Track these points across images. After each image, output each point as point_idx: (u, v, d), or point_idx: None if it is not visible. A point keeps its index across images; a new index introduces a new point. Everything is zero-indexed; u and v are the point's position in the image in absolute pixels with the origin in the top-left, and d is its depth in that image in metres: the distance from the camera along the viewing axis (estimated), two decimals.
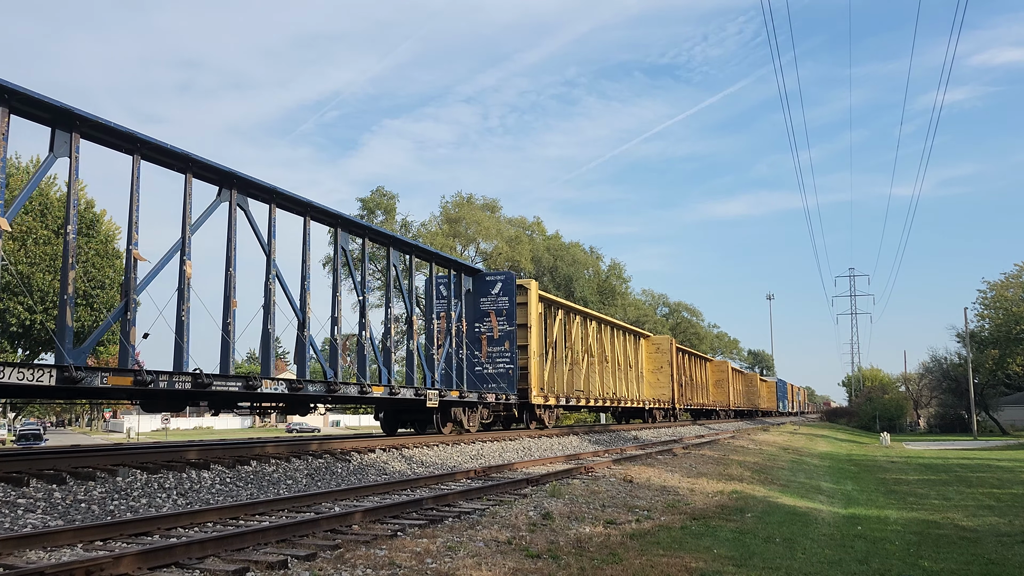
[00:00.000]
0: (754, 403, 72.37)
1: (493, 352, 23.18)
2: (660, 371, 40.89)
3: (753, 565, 7.63)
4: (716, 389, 56.22)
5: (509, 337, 22.94)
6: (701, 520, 10.36)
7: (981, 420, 63.42)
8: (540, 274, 58.50)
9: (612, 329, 35.16)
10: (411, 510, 9.56)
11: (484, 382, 22.68)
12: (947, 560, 8.83)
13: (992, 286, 62.81)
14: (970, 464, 26.31)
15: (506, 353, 23.02)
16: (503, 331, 23.10)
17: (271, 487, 11.55)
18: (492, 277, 23.54)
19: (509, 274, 23.67)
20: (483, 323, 23.28)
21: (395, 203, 54.98)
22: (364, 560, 6.64)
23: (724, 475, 17.21)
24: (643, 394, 38.70)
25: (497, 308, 23.28)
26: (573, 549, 7.78)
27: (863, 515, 13.11)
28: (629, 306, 70.44)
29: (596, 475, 14.49)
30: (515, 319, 22.97)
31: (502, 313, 23.19)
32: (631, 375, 37.15)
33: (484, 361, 22.98)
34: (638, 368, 38.90)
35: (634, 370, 37.92)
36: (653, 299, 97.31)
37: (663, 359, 40.96)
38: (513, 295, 23.18)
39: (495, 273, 23.87)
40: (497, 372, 23.06)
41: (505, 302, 23.23)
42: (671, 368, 40.97)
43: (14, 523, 8.00)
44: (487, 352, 23.17)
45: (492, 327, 23.08)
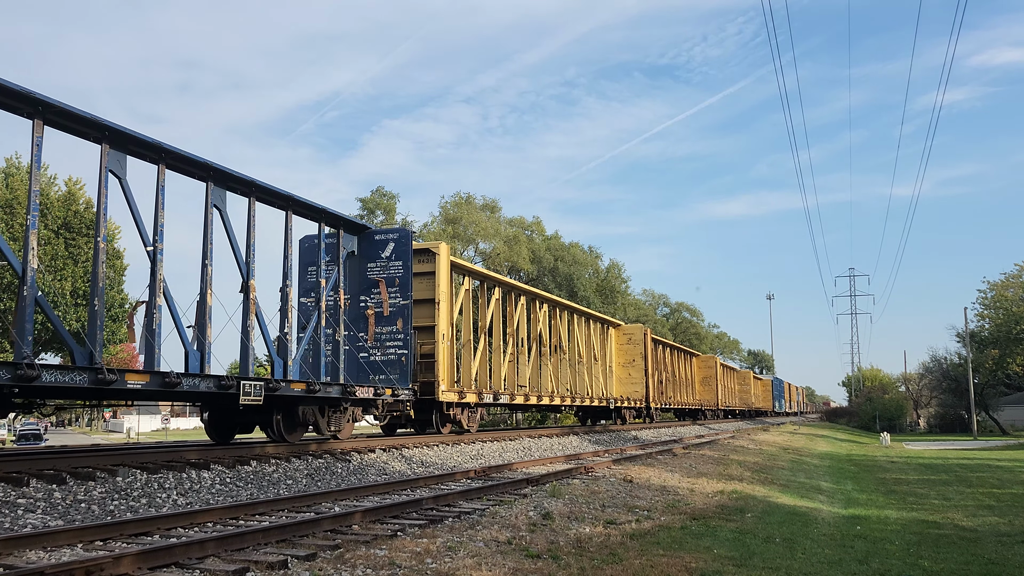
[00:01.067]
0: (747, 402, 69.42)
1: (382, 334, 17.89)
2: (632, 365, 36.08)
3: (753, 565, 7.63)
4: (703, 387, 52.98)
5: (402, 314, 17.74)
6: (701, 520, 10.36)
7: (981, 420, 63.40)
8: (541, 274, 58.48)
9: (571, 315, 30.68)
10: (411, 510, 9.56)
11: (373, 372, 17.63)
12: (947, 560, 8.83)
13: (992, 286, 62.83)
14: (970, 464, 26.30)
15: (398, 335, 17.74)
16: (396, 306, 17.87)
17: (271, 487, 11.55)
18: (382, 236, 18.20)
19: (403, 231, 18.31)
20: (370, 296, 18.07)
21: (395, 203, 55.01)
22: (364, 560, 6.65)
23: (724, 475, 17.21)
24: (611, 391, 34.50)
25: (388, 276, 17.97)
26: (573, 549, 7.78)
27: (863, 515, 13.11)
28: (629, 306, 70.48)
29: (596, 475, 14.50)
30: (410, 290, 17.88)
31: (394, 283, 17.90)
32: (596, 369, 32.87)
33: (370, 346, 17.75)
34: (606, 361, 34.54)
35: (601, 364, 33.67)
36: (654, 299, 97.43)
37: (635, 351, 36.17)
38: (408, 259, 18.01)
39: (386, 230, 18.48)
40: (386, 360, 17.69)
41: (398, 268, 17.98)
42: (645, 361, 36.21)
43: (14, 523, 8.00)
44: (374, 334, 17.87)
45: (382, 301, 17.88)
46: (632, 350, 36.03)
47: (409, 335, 17.76)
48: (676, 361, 45.47)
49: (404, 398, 17.54)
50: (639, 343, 35.98)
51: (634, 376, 35.87)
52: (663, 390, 40.49)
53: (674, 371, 44.37)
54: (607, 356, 34.79)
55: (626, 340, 36.20)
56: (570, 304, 30.66)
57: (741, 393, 67.58)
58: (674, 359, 44.94)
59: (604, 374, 33.94)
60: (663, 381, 40.72)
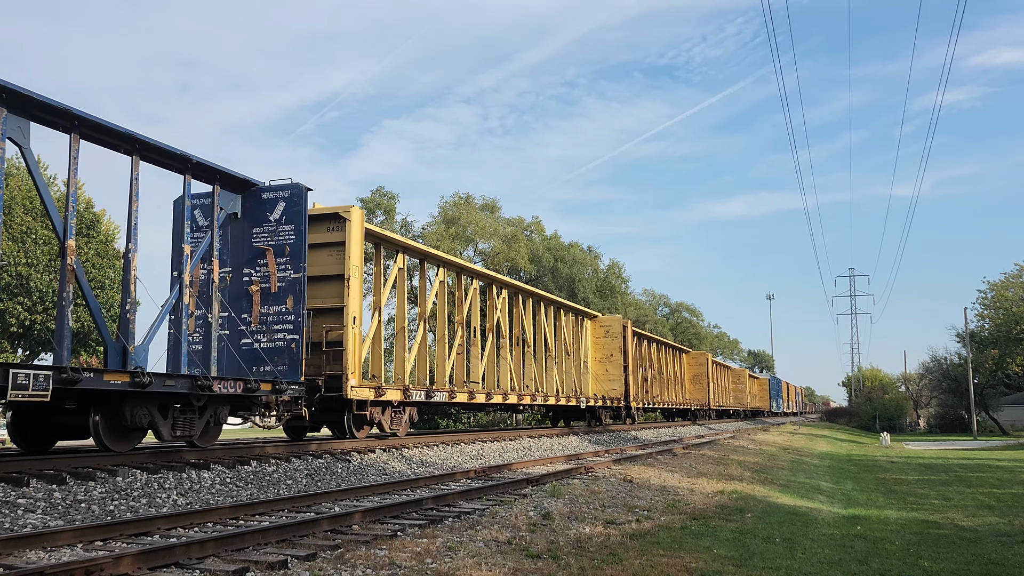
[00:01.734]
0: (743, 402, 66.79)
1: (269, 315, 14.43)
2: (610, 360, 32.74)
3: (753, 565, 7.63)
4: (693, 385, 50.05)
5: (293, 291, 14.37)
6: (701, 520, 10.36)
7: (981, 420, 63.40)
8: (540, 274, 58.44)
9: (538, 303, 27.37)
10: (411, 510, 9.56)
11: (258, 363, 14.36)
12: (947, 560, 8.83)
13: (992, 286, 62.81)
14: (970, 464, 26.30)
15: (287, 316, 14.36)
16: (285, 281, 14.50)
17: (271, 487, 11.55)
18: (271, 194, 14.79)
19: (295, 187, 14.74)
20: (256, 269, 14.72)
21: (395, 203, 55.00)
22: (364, 560, 6.65)
23: (724, 475, 17.22)
24: (586, 389, 31.31)
25: (277, 244, 14.62)
26: (573, 549, 7.79)
27: (863, 515, 13.11)
28: (629, 306, 70.42)
29: (596, 475, 14.50)
30: (302, 260, 14.52)
31: (284, 252, 14.56)
32: (568, 365, 29.73)
33: (255, 330, 14.51)
34: (580, 356, 31.28)
35: (574, 358, 30.49)
36: (654, 299, 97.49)
37: (613, 345, 32.77)
38: (302, 222, 14.60)
39: (276, 187, 14.87)
40: (273, 347, 14.37)
41: (289, 234, 14.59)
42: (624, 356, 32.79)
43: (14, 523, 8.00)
44: (260, 315, 14.50)
45: (269, 275, 14.52)
46: (610, 344, 32.79)
47: (301, 316, 14.35)
48: (664, 357, 42.69)
49: (292, 395, 13.97)
50: (617, 336, 32.80)
51: (612, 372, 32.66)
52: (648, 388, 37.87)
53: (661, 368, 41.80)
54: (582, 350, 31.51)
55: (603, 333, 33.02)
56: (536, 291, 27.46)
57: (736, 392, 65.36)
58: (661, 355, 42.23)
59: (578, 370, 30.82)
60: (648, 379, 38.12)
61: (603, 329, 33.19)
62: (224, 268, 14.69)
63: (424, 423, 46.31)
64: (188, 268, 13.37)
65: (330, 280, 16.20)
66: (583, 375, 31.39)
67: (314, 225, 15.98)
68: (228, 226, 14.92)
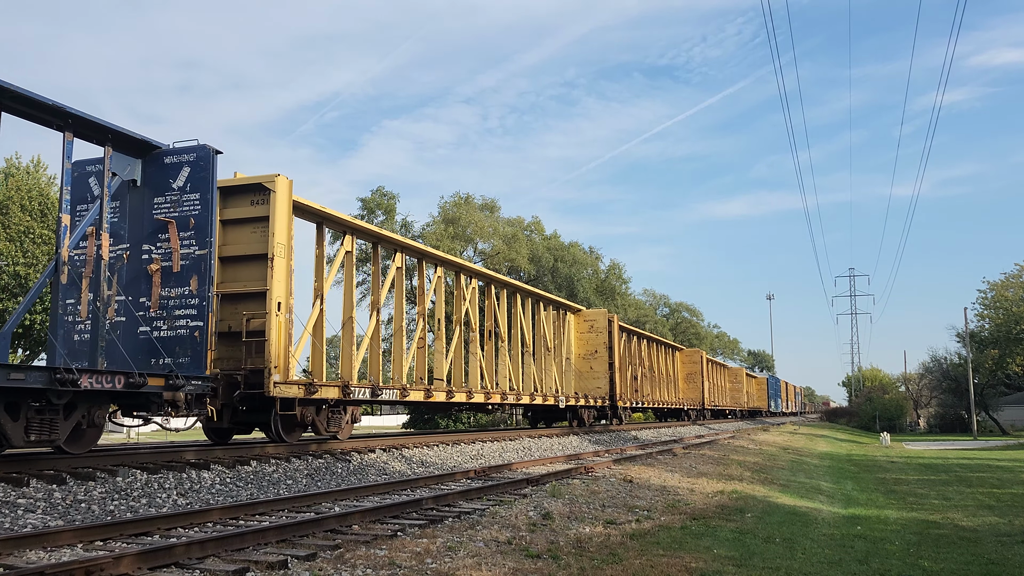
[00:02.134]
0: (739, 401, 64.86)
1: (171, 298, 12.43)
2: (594, 357, 30.81)
3: (753, 565, 7.63)
4: (687, 384, 47.96)
5: (198, 270, 12.35)
6: (701, 520, 10.36)
7: (981, 420, 63.39)
8: (540, 274, 58.42)
9: (514, 294, 25.48)
10: (411, 510, 9.56)
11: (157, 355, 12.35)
12: (947, 560, 8.83)
13: (992, 286, 62.78)
14: (970, 464, 26.30)
15: (191, 300, 12.39)
16: (190, 259, 12.46)
17: (271, 487, 11.55)
18: (175, 158, 12.75)
19: (202, 149, 12.71)
20: (157, 244, 12.68)
21: (395, 203, 54.98)
22: (364, 560, 6.64)
23: (724, 475, 17.21)
24: (567, 387, 29.39)
25: (180, 216, 12.57)
26: (573, 549, 7.78)
27: (863, 515, 13.11)
28: (630, 306, 70.44)
29: (596, 475, 14.50)
30: (209, 235, 12.41)
31: (188, 225, 12.51)
32: (549, 361, 27.79)
33: (155, 315, 12.46)
34: (561, 352, 29.45)
35: (555, 355, 28.57)
36: (655, 299, 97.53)
37: (598, 341, 30.75)
38: (210, 190, 12.53)
39: (180, 149, 12.81)
40: (175, 336, 12.38)
41: (194, 204, 12.56)
42: (610, 353, 30.80)
43: (14, 523, 8.00)
44: (160, 298, 12.47)
45: (172, 251, 12.51)
46: (595, 339, 30.84)
47: (207, 300, 12.36)
48: (652, 354, 40.66)
49: (192, 391, 11.83)
50: (603, 331, 30.82)
51: (597, 370, 30.68)
52: (637, 387, 36.01)
53: (650, 365, 39.91)
54: (564, 346, 29.67)
55: (588, 328, 31.06)
56: (512, 282, 25.68)
57: (733, 392, 63.69)
58: (652, 352, 40.36)
59: (559, 367, 28.84)
60: (637, 377, 36.28)
61: (587, 324, 31.21)
62: (120, 244, 12.72)
63: (424, 423, 46.33)
64: (66, 243, 11.34)
65: (254, 261, 14.33)
66: (565, 373, 29.46)
67: (236, 197, 14.54)
68: (126, 196, 12.88)
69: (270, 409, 14.24)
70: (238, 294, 14.36)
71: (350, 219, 16.89)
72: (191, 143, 12.91)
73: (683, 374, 48.18)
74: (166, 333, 12.52)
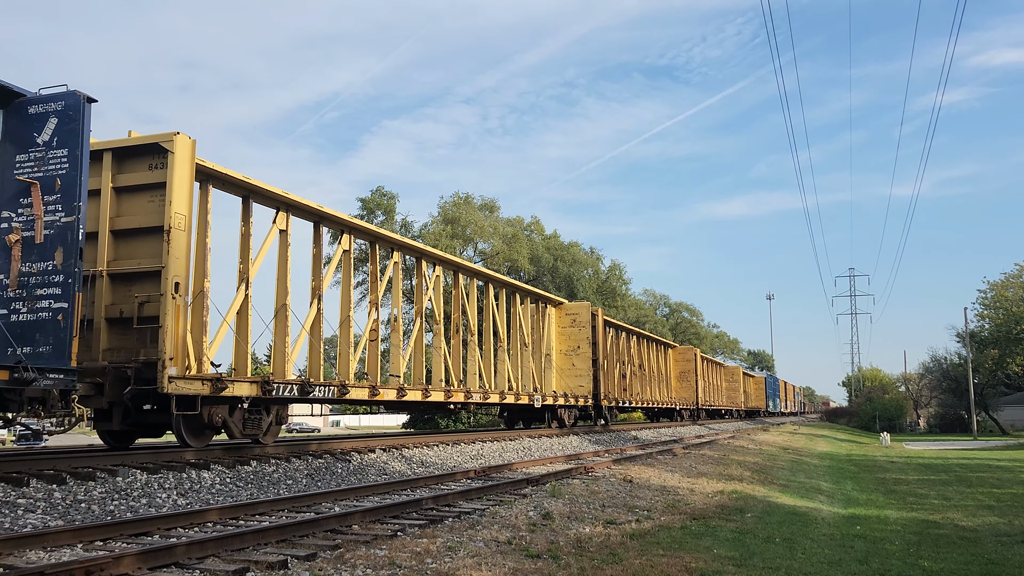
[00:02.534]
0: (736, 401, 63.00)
1: (31, 275, 10.33)
2: (576, 353, 28.82)
3: (753, 565, 7.63)
4: (679, 383, 46.61)
5: (63, 241, 10.28)
6: (701, 520, 10.36)
7: (981, 420, 63.40)
8: (540, 274, 58.42)
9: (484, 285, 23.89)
10: (411, 510, 9.57)
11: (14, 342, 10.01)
12: (947, 560, 8.83)
13: (992, 286, 62.80)
14: (970, 464, 26.30)
15: (54, 276, 10.25)
16: (54, 228, 10.39)
17: (271, 487, 11.55)
18: (39, 107, 10.70)
19: (72, 96, 10.61)
20: (19, 211, 10.60)
21: (395, 203, 55.00)
22: (364, 560, 6.65)
23: (724, 475, 17.22)
24: (547, 385, 27.55)
25: (46, 175, 10.54)
26: (573, 549, 7.79)
27: (863, 515, 13.11)
28: (629, 307, 70.48)
29: (596, 475, 14.50)
30: (79, 199, 10.33)
31: (54, 186, 10.47)
32: (526, 357, 26.02)
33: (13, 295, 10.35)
34: (540, 348, 27.70)
35: (533, 350, 26.83)
36: (655, 299, 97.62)
37: (581, 336, 28.81)
38: (80, 145, 10.45)
39: (46, 97, 10.77)
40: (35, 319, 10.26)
41: (61, 161, 10.50)
42: (594, 349, 29.03)
43: (14, 523, 8.00)
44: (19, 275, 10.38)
45: (35, 218, 10.43)
46: (577, 334, 28.90)
47: (72, 277, 10.24)
48: (641, 351, 39.06)
49: (52, 387, 9.97)
50: (586, 326, 28.90)
51: (579, 367, 28.81)
52: (625, 385, 34.42)
53: (640, 362, 38.49)
54: (543, 341, 27.89)
55: (570, 322, 29.08)
56: (484, 271, 24.31)
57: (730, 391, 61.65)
58: (638, 348, 38.62)
59: (538, 364, 27.10)
60: (626, 375, 34.74)
61: (569, 318, 29.16)
62: None
63: (424, 423, 46.30)
64: None
65: (150, 234, 12.61)
66: (544, 370, 27.66)
67: (132, 161, 12.97)
68: None
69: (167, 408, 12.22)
70: (132, 273, 12.62)
71: (284, 193, 14.97)
72: (60, 89, 10.83)
73: (676, 372, 46.67)
74: (26, 317, 10.36)
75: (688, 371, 47.35)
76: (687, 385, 47.18)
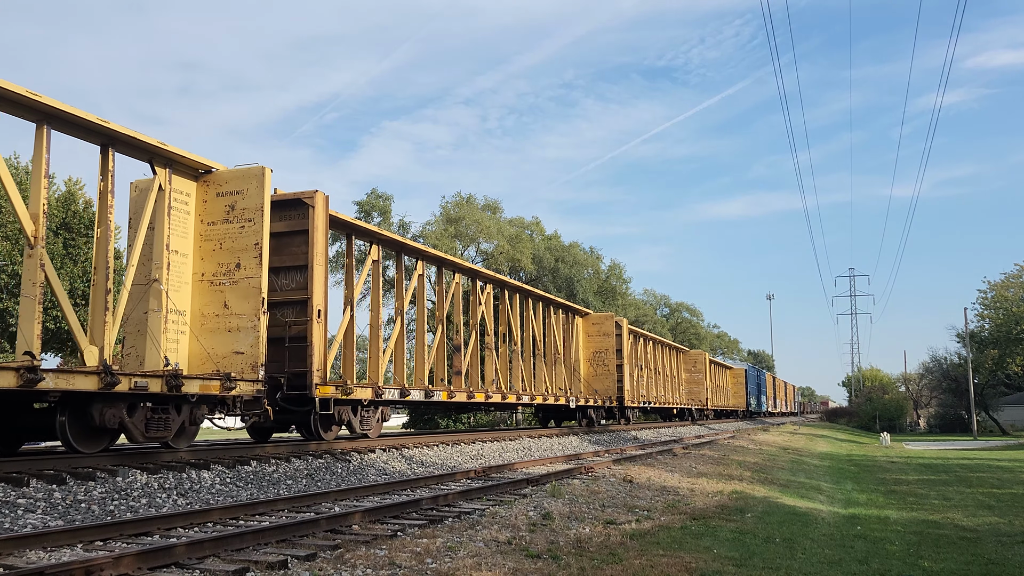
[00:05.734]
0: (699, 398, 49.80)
1: None
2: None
3: (753, 565, 7.63)
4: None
5: None
6: (701, 520, 10.36)
7: (981, 420, 63.42)
8: (540, 274, 58.41)
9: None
10: (411, 510, 9.56)
11: None
12: (947, 560, 8.82)
13: (992, 286, 62.81)
14: (970, 464, 26.29)
15: None
16: None
17: (271, 487, 11.55)
18: None
19: None
20: None
21: (391, 204, 54.96)
22: (364, 560, 6.64)
23: (724, 475, 17.21)
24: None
25: None
26: (573, 549, 7.78)
27: (863, 515, 13.10)
28: (629, 307, 70.43)
29: (596, 475, 14.49)
30: None
31: None
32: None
33: None
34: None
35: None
36: (655, 299, 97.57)
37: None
38: None
39: None
40: None
41: None
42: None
43: (14, 523, 7.99)
44: None
45: None
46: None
47: None
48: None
49: None
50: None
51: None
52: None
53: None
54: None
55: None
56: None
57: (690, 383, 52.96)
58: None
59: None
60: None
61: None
62: None
63: (424, 423, 46.30)
64: None
65: None
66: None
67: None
68: None
69: None
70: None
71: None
72: None
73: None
74: None
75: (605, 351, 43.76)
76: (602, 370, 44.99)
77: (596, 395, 30.62)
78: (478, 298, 22.74)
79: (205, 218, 13.57)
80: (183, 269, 13.27)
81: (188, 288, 13.33)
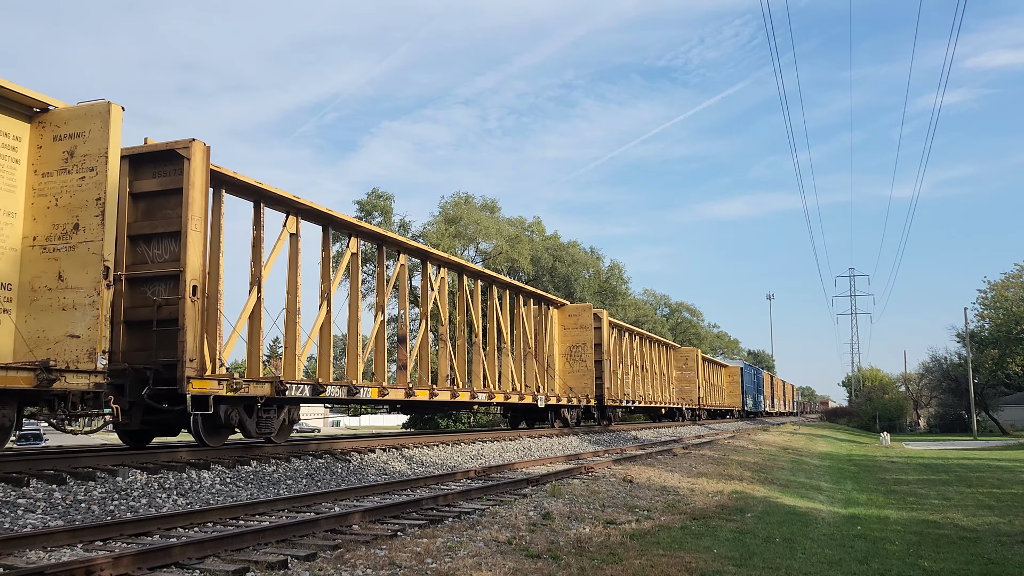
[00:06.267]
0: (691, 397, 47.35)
1: None
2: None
3: (753, 565, 7.63)
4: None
5: None
6: (701, 520, 10.36)
7: (981, 420, 63.41)
8: (539, 274, 58.41)
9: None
10: (411, 510, 9.57)
11: None
12: (947, 560, 8.82)
13: (992, 286, 62.81)
14: (970, 464, 26.29)
15: None
16: None
17: (271, 487, 11.55)
18: None
19: None
20: None
21: (391, 204, 54.96)
22: (364, 560, 6.64)
23: (724, 475, 17.21)
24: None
25: None
26: (573, 549, 7.78)
27: (863, 515, 13.10)
28: (629, 306, 70.43)
29: (596, 475, 14.50)
30: None
31: None
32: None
33: None
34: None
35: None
36: (655, 299, 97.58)
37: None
38: None
39: None
40: None
41: None
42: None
43: (14, 523, 7.99)
44: None
45: None
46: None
47: None
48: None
49: None
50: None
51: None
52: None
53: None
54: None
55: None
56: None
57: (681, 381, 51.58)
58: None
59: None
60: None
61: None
62: None
63: (424, 423, 46.30)
64: None
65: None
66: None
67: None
68: None
69: None
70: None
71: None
72: None
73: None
74: None
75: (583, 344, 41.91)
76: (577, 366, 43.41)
77: (572, 393, 28.07)
78: (430, 283, 20.44)
79: (40, 168, 10.95)
80: (8, 232, 10.63)
81: (16, 255, 10.67)
